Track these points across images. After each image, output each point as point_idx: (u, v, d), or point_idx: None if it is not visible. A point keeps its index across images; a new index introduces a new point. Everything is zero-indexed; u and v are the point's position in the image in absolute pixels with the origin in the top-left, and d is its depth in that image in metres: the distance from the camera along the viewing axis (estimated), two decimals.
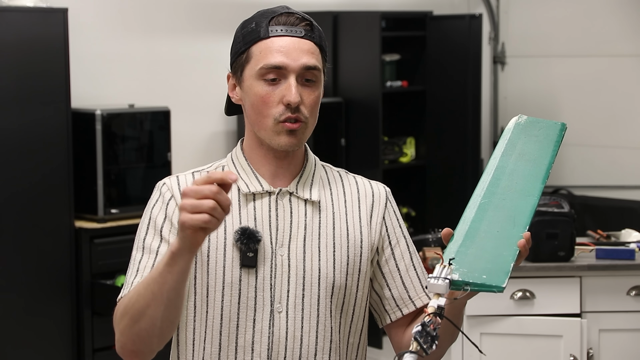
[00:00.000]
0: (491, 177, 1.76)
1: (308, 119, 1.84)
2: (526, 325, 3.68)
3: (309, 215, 1.88)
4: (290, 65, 1.81)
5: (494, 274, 1.59)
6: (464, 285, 1.57)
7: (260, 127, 1.85)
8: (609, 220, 6.00)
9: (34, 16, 4.70)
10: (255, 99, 1.83)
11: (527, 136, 1.83)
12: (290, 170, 1.90)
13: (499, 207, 1.71)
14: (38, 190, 4.71)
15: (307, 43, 1.83)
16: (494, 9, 7.16)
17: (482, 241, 1.65)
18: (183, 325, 1.87)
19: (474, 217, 1.69)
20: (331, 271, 1.86)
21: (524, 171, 1.77)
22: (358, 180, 1.97)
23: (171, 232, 1.84)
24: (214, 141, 5.86)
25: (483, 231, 1.66)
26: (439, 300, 1.53)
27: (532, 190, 1.74)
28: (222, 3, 5.83)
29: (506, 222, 1.68)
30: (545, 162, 1.79)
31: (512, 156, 1.79)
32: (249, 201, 1.87)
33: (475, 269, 1.59)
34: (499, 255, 1.63)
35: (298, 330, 1.84)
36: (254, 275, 1.83)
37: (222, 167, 1.92)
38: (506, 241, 1.65)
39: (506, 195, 1.73)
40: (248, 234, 1.82)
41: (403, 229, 1.96)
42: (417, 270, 1.95)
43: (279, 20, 1.84)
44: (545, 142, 1.82)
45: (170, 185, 1.89)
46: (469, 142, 6.55)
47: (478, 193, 1.74)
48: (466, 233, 1.66)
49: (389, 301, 1.93)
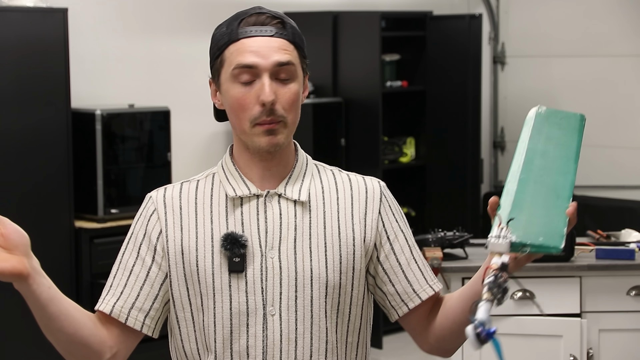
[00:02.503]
0: (524, 157, 1.77)
1: (285, 117, 1.82)
2: (526, 325, 3.67)
3: (299, 215, 1.86)
4: (262, 64, 1.80)
5: (550, 236, 1.63)
6: (521, 247, 1.60)
7: (240, 130, 1.85)
8: (609, 220, 6.00)
9: (34, 16, 4.70)
10: (232, 101, 1.83)
11: (551, 123, 1.85)
12: (279, 172, 1.88)
13: (539, 182, 1.73)
14: (38, 190, 4.71)
15: (278, 41, 1.83)
16: (494, 9, 7.16)
17: (531, 209, 1.67)
18: (186, 337, 1.87)
19: (517, 189, 1.71)
20: (324, 271, 1.85)
21: (555, 153, 1.79)
22: (351, 178, 1.95)
23: (149, 250, 1.86)
24: (214, 141, 5.86)
25: (529, 201, 1.69)
26: (502, 257, 1.57)
27: (567, 169, 1.77)
28: (222, 3, 5.83)
29: (549, 194, 1.71)
30: (574, 146, 1.81)
31: (540, 140, 1.80)
32: (236, 206, 1.86)
33: (531, 232, 1.62)
34: (550, 221, 1.66)
35: (292, 332, 1.83)
36: (244, 280, 1.82)
37: (213, 175, 1.91)
38: (554, 210, 1.68)
39: (543, 172, 1.75)
40: (231, 239, 1.82)
41: (400, 222, 1.94)
42: (419, 262, 1.94)
43: (248, 21, 1.84)
44: (569, 129, 1.85)
45: (156, 199, 1.89)
46: (469, 142, 6.55)
47: (515, 169, 1.75)
48: (513, 202, 1.68)
49: (394, 297, 1.92)
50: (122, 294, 1.85)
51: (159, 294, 1.86)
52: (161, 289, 1.86)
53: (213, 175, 1.92)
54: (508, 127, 7.21)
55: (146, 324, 1.85)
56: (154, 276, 1.85)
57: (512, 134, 7.20)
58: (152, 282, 1.85)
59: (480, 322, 1.40)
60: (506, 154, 7.20)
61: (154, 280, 1.85)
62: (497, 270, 1.53)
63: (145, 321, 1.85)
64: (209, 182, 1.91)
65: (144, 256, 1.86)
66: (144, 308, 1.84)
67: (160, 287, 1.86)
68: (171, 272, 1.85)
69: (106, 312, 1.84)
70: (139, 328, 1.84)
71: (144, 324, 1.84)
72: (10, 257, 1.65)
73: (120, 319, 1.84)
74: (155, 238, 1.86)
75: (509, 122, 7.20)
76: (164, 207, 1.88)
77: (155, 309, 1.86)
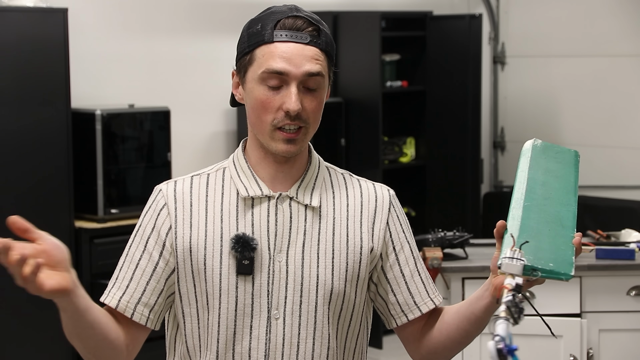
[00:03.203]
0: (526, 186, 1.78)
1: (308, 125, 1.82)
2: (526, 325, 3.66)
3: (309, 220, 1.86)
4: (292, 72, 1.78)
5: (560, 263, 1.64)
6: (532, 270, 1.61)
7: (259, 130, 1.83)
8: (609, 220, 6.00)
9: (34, 16, 4.70)
10: (256, 102, 1.81)
11: (548, 156, 1.86)
12: (291, 174, 1.88)
13: (543, 211, 1.74)
14: (38, 190, 4.71)
15: (312, 49, 1.80)
16: (494, 9, 7.16)
17: (538, 235, 1.68)
18: (189, 333, 1.87)
19: (523, 215, 1.71)
20: (330, 278, 1.84)
21: (555, 185, 1.80)
22: (362, 184, 1.94)
23: (157, 244, 1.85)
24: (214, 141, 5.86)
25: (535, 228, 1.69)
26: (515, 279, 1.58)
27: (569, 201, 1.78)
28: (222, 3, 5.83)
29: (554, 223, 1.72)
30: (572, 180, 1.83)
31: (540, 171, 1.82)
32: (247, 206, 1.85)
33: (541, 257, 1.63)
34: (558, 249, 1.67)
35: (295, 336, 1.83)
36: (251, 282, 1.82)
37: (224, 170, 1.90)
38: (560, 239, 1.70)
39: (546, 202, 1.76)
40: (242, 242, 1.81)
41: (407, 233, 1.94)
42: (422, 275, 1.94)
43: (284, 24, 1.80)
44: (565, 164, 1.87)
45: (166, 192, 1.88)
46: (469, 142, 6.54)
47: (518, 197, 1.75)
48: (520, 227, 1.68)
49: (394, 306, 1.93)
50: (127, 288, 1.84)
51: (163, 289, 1.86)
52: (166, 283, 1.86)
53: (224, 170, 1.90)
54: (508, 127, 7.21)
55: (150, 318, 1.85)
56: (160, 271, 1.85)
57: (512, 134, 7.20)
58: (159, 277, 1.85)
59: (502, 338, 1.41)
60: (506, 154, 7.20)
61: (160, 276, 1.85)
62: (512, 291, 1.55)
63: (150, 315, 1.85)
64: (219, 177, 1.89)
65: (151, 250, 1.85)
66: (149, 303, 1.84)
67: (166, 282, 1.85)
68: (179, 268, 1.85)
69: (112, 306, 1.84)
70: (144, 323, 1.84)
71: (148, 318, 1.85)
72: (55, 274, 1.60)
73: (126, 314, 1.83)
74: (165, 233, 1.85)
75: (509, 122, 7.20)
76: (174, 201, 1.86)
77: (159, 304, 1.85)
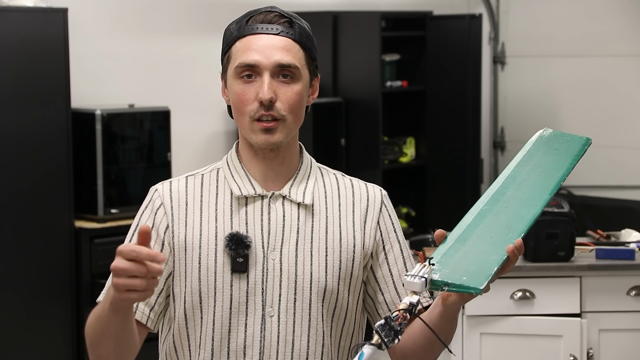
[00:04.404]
0: (499, 186, 1.77)
1: (285, 115, 1.83)
2: (526, 325, 3.68)
3: (302, 218, 1.87)
4: (263, 63, 1.81)
5: (475, 276, 1.60)
6: (442, 285, 1.59)
7: (240, 125, 1.86)
8: (609, 220, 6.00)
9: (34, 16, 4.70)
10: (234, 97, 1.85)
11: (547, 149, 1.84)
12: (282, 172, 1.89)
13: (499, 214, 1.71)
14: (38, 190, 4.71)
15: (283, 40, 1.83)
16: (494, 9, 7.15)
17: (472, 245, 1.66)
18: (177, 333, 1.87)
19: (471, 222, 1.70)
20: (323, 275, 1.85)
21: (534, 182, 1.77)
22: (354, 183, 1.95)
23: (156, 243, 1.85)
24: (214, 141, 5.86)
25: (476, 235, 1.67)
26: (412, 297, 1.55)
27: (537, 201, 1.74)
28: (222, 3, 5.83)
29: (502, 228, 1.69)
30: (559, 175, 1.79)
31: (527, 167, 1.80)
32: (241, 205, 1.86)
33: (458, 270, 1.60)
34: (486, 259, 1.63)
35: (290, 334, 1.83)
36: (245, 280, 1.82)
37: (217, 170, 1.91)
38: (497, 246, 1.66)
39: (509, 204, 1.73)
40: (236, 239, 1.82)
41: (398, 233, 1.95)
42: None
43: (256, 19, 1.85)
44: (565, 155, 1.83)
45: (162, 192, 1.89)
46: (469, 142, 6.54)
47: (482, 200, 1.75)
48: (458, 236, 1.68)
49: (381, 305, 1.93)
50: None
51: (163, 288, 1.86)
52: (165, 283, 1.86)
53: (217, 170, 1.92)
54: (508, 127, 7.21)
55: (151, 317, 1.85)
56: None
57: (512, 134, 7.19)
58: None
59: None
60: (506, 154, 7.20)
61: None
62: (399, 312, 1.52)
63: (150, 315, 1.85)
64: (213, 177, 1.91)
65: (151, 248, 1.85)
66: (149, 302, 1.85)
67: (165, 281, 1.86)
68: (174, 267, 1.85)
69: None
70: (145, 322, 1.85)
71: (149, 317, 1.85)
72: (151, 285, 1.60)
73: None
74: (163, 232, 1.86)
75: (509, 122, 7.20)
76: (170, 201, 1.87)
77: (159, 303, 1.86)
